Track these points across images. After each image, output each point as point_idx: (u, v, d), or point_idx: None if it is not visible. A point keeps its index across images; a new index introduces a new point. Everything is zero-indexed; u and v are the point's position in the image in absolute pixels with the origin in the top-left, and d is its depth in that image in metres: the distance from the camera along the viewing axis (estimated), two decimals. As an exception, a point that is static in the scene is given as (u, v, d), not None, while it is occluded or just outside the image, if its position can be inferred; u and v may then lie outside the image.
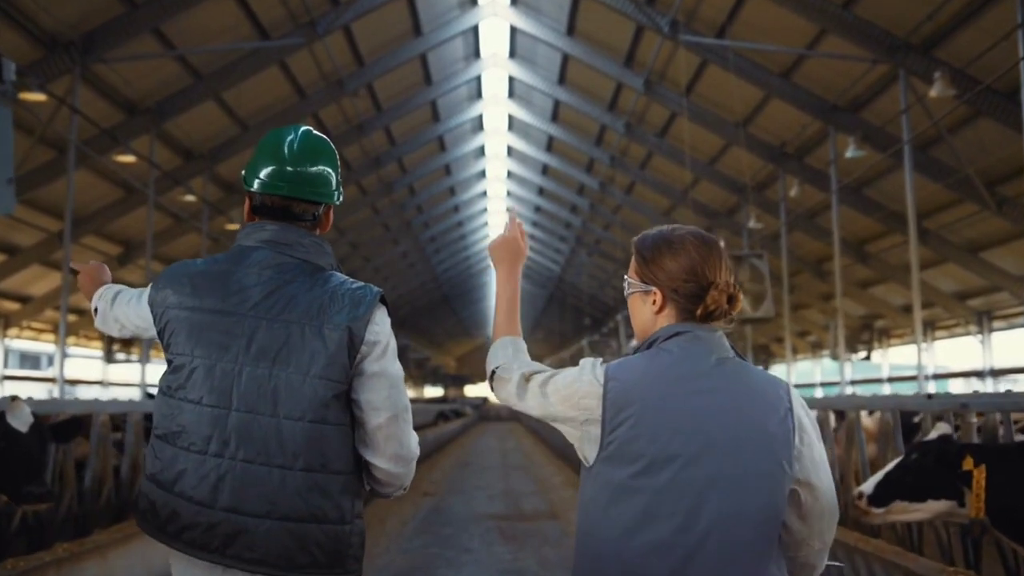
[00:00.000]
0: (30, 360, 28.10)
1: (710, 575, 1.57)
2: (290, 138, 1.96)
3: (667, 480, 1.59)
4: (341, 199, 2.02)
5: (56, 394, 22.93)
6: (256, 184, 1.95)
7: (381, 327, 1.86)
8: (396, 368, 1.88)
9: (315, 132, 2.02)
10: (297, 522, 1.74)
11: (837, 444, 6.07)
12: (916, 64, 13.15)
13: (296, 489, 1.75)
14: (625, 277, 1.85)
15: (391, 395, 1.84)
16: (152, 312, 1.92)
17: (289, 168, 1.93)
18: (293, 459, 1.75)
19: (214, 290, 1.86)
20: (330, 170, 1.98)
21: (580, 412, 1.69)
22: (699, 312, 1.72)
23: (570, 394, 1.70)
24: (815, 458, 1.68)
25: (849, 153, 14.69)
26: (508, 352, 1.88)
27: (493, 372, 1.87)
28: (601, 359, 1.75)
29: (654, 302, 1.76)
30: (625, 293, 1.85)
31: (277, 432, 1.76)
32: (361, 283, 1.90)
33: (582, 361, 1.75)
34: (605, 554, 1.60)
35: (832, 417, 7.07)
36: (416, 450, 1.91)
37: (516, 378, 1.81)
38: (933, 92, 12.04)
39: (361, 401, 1.83)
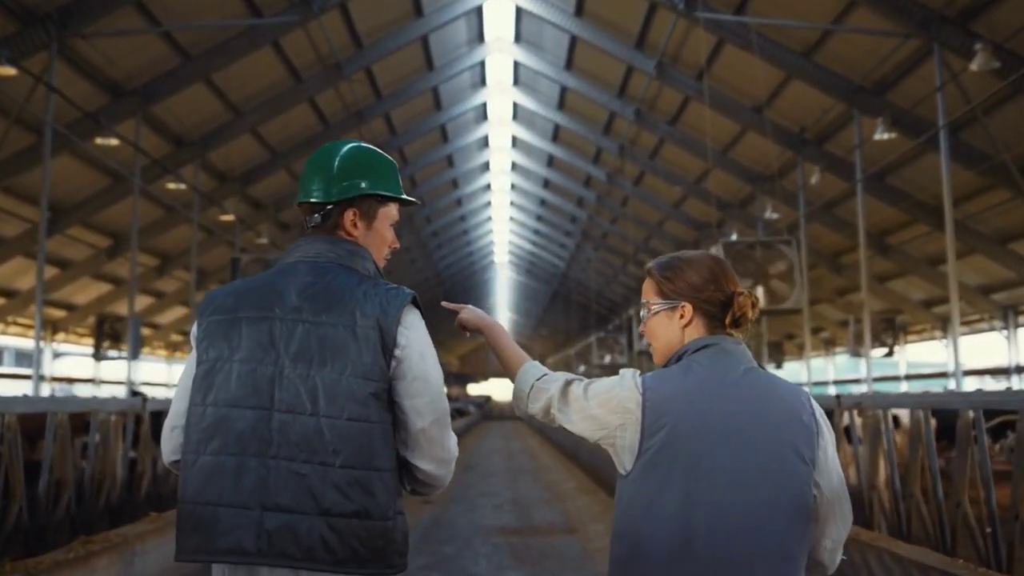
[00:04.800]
0: (27, 358, 27.36)
1: (749, 560, 1.65)
2: (319, 151, 2.06)
3: (703, 479, 1.68)
4: (347, 195, 1.98)
5: (47, 392, 22.25)
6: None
7: (413, 330, 1.89)
8: (437, 373, 1.92)
9: (345, 141, 2.07)
10: (338, 517, 1.76)
11: (937, 447, 5.12)
12: (952, 38, 12.24)
13: (337, 485, 1.77)
14: (644, 302, 1.92)
15: (433, 400, 1.88)
16: (197, 327, 1.93)
17: (306, 178, 2.03)
18: (334, 456, 1.78)
19: (253, 299, 1.90)
20: (328, 167, 1.99)
21: (619, 416, 1.76)
22: (728, 320, 1.83)
23: (610, 398, 1.79)
24: (828, 461, 1.77)
25: (877, 135, 13.80)
26: (540, 370, 1.96)
27: (532, 385, 1.93)
28: (639, 371, 1.83)
29: (682, 316, 1.85)
30: (645, 317, 1.90)
31: (317, 430, 1.79)
32: (396, 286, 1.93)
33: (621, 371, 1.84)
34: (647, 546, 1.68)
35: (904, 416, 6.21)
36: (455, 451, 1.95)
37: (559, 385, 1.89)
38: (974, 66, 11.17)
39: (405, 406, 1.86)
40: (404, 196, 2.05)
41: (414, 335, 1.88)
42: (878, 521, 5.45)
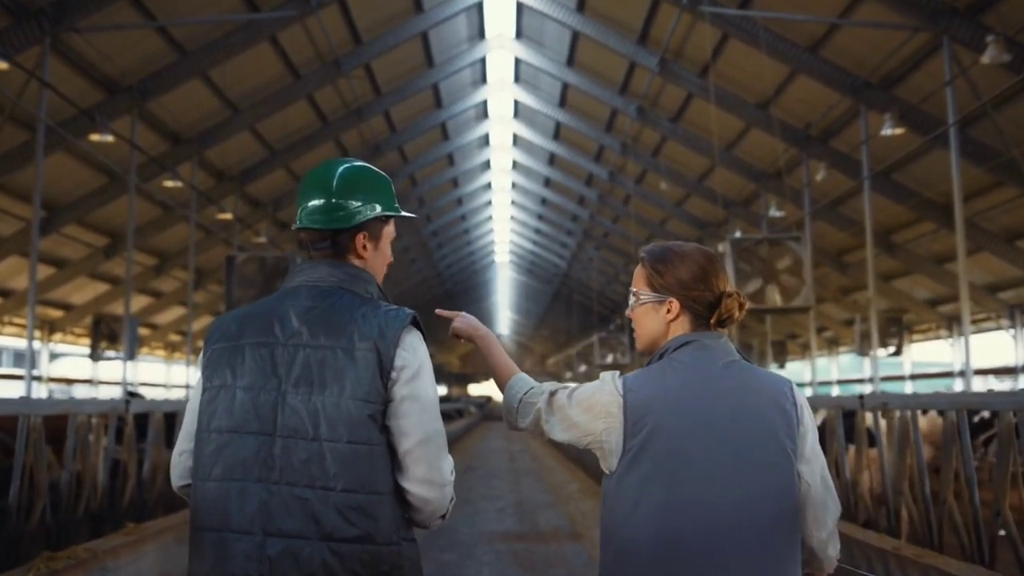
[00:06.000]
0: (24, 359, 27.12)
1: (734, 556, 1.64)
2: (312, 172, 2.03)
3: (685, 477, 1.68)
4: (359, 220, 1.97)
5: (43, 393, 22.02)
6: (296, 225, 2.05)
7: (411, 351, 1.87)
8: (428, 392, 1.88)
9: (337, 160, 2.05)
10: (341, 542, 1.74)
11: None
12: (962, 31, 12.01)
13: (339, 509, 1.76)
14: (632, 290, 1.93)
15: (421, 419, 1.85)
16: (203, 355, 1.94)
17: (303, 202, 1.99)
18: (335, 480, 1.77)
19: (256, 325, 1.90)
20: (327, 191, 1.97)
21: (602, 420, 1.78)
22: (713, 320, 1.84)
23: (593, 404, 1.80)
24: (808, 450, 1.77)
25: (885, 131, 13.56)
26: (528, 382, 1.97)
27: (520, 400, 1.93)
28: (619, 372, 1.83)
29: (668, 311, 1.86)
30: (632, 305, 1.92)
31: (319, 455, 1.78)
32: (396, 307, 1.92)
33: (602, 375, 1.85)
34: (632, 549, 1.68)
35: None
36: (449, 476, 1.88)
37: (544, 397, 1.89)
38: (985, 58, 10.93)
39: (391, 426, 1.84)
40: (404, 213, 2.08)
41: (412, 357, 1.86)
42: (904, 529, 5.18)
